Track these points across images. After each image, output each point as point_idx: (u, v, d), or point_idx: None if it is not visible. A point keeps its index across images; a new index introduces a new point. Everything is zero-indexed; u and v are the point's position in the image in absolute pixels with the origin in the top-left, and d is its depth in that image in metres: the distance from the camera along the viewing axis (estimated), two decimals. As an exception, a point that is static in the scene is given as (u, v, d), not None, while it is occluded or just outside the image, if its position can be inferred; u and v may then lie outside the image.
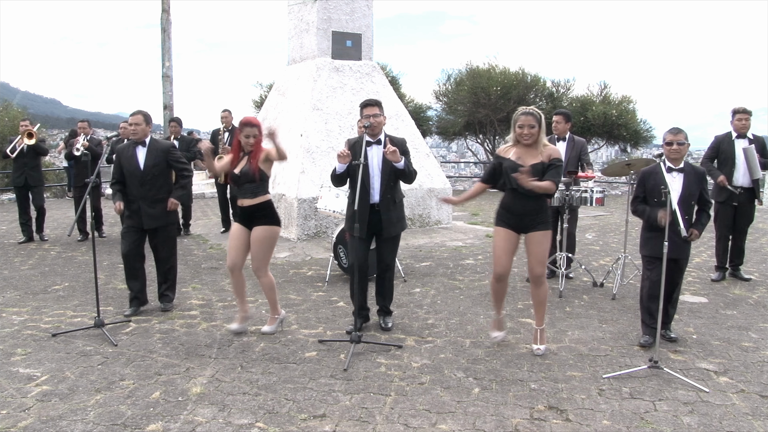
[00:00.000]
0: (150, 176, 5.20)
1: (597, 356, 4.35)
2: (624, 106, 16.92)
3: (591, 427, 3.33)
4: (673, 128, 4.45)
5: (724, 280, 6.52)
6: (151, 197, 5.21)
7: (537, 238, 4.29)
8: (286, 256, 7.60)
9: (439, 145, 24.45)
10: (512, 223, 4.34)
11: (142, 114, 5.27)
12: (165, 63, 15.68)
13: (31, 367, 4.15)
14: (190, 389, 3.79)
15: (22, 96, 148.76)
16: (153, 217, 5.24)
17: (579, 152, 6.36)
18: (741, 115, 6.30)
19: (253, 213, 4.68)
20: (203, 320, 5.17)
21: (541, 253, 4.32)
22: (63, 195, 15.28)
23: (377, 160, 4.63)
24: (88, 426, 3.33)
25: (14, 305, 5.62)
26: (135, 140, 5.26)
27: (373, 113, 4.58)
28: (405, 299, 5.76)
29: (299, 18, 10.15)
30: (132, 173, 5.20)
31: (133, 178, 5.20)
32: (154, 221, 5.25)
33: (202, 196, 14.45)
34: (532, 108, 4.31)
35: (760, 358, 4.34)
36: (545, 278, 4.40)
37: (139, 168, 5.20)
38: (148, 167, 5.21)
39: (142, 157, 5.22)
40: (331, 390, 3.78)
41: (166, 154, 5.29)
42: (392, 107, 9.90)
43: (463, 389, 3.80)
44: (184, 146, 9.13)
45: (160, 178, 5.26)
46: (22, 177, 8.62)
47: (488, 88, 16.80)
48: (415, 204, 9.44)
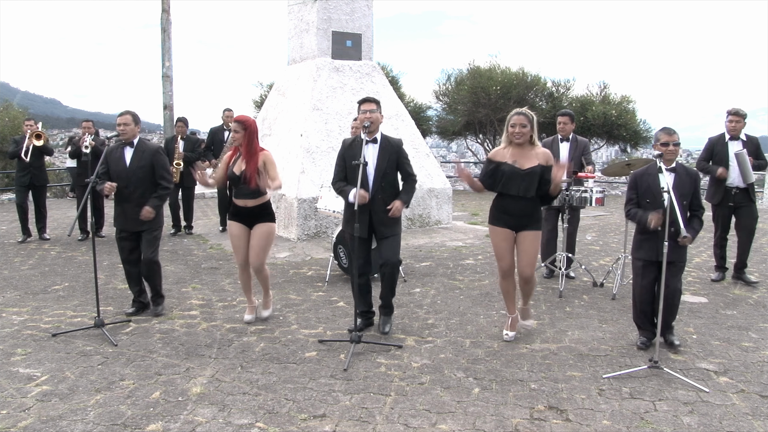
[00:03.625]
0: (135, 178, 5.06)
1: (597, 356, 4.35)
2: (624, 106, 16.92)
3: (591, 427, 3.33)
4: (667, 128, 4.39)
5: (724, 280, 6.52)
6: (136, 199, 5.05)
7: (529, 237, 4.42)
8: (286, 256, 7.60)
9: (439, 145, 24.46)
10: (508, 222, 4.44)
11: (131, 114, 5.14)
12: (165, 63, 15.67)
13: (31, 367, 4.15)
14: (190, 389, 3.79)
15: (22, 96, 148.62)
16: (138, 221, 5.07)
17: (582, 152, 6.38)
18: (732, 117, 6.27)
19: (255, 212, 4.81)
20: (203, 320, 5.17)
21: (532, 253, 4.44)
22: (63, 195, 15.28)
23: (373, 159, 4.63)
24: (88, 426, 3.33)
25: (14, 305, 5.62)
26: (123, 141, 5.13)
27: (369, 109, 4.60)
28: (405, 299, 5.76)
29: (299, 18, 10.15)
30: (118, 174, 5.08)
31: (119, 180, 5.07)
32: (139, 224, 5.09)
33: (202, 196, 14.45)
34: (525, 109, 4.43)
35: (760, 358, 4.34)
36: (534, 277, 4.58)
37: (125, 169, 5.08)
38: (133, 168, 5.07)
39: (129, 157, 5.10)
40: (331, 390, 3.78)
41: (152, 156, 5.12)
42: (392, 107, 9.90)
43: (463, 389, 3.80)
44: (189, 147, 9.16)
45: (145, 180, 5.09)
46: (28, 176, 8.63)
47: (488, 88, 16.80)
48: (415, 204, 9.44)
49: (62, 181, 15.67)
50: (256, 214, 4.82)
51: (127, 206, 5.10)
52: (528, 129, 4.31)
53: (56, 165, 17.27)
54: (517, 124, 4.31)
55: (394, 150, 4.66)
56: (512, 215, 4.40)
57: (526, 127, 4.30)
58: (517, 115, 4.35)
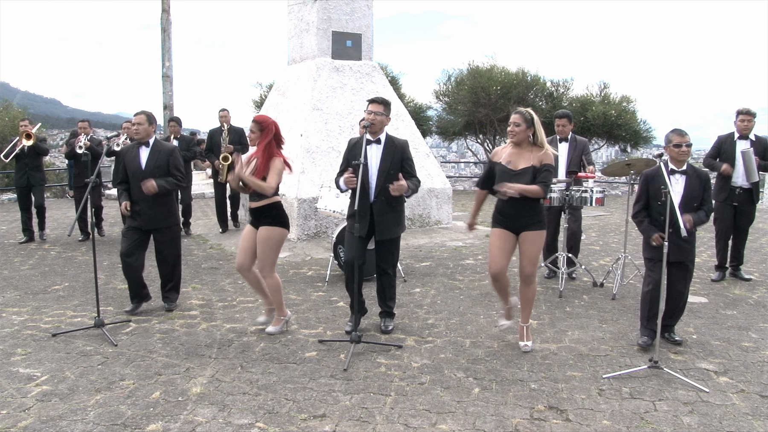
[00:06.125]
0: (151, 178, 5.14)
1: (597, 356, 4.35)
2: (623, 106, 16.90)
3: (591, 427, 3.33)
4: (679, 130, 4.40)
5: (724, 280, 6.52)
6: (152, 198, 5.16)
7: (530, 237, 4.39)
8: (286, 256, 7.60)
9: (439, 145, 24.43)
10: (507, 224, 4.42)
11: (146, 114, 5.24)
12: (165, 63, 15.68)
13: (31, 367, 4.15)
14: (190, 389, 3.79)
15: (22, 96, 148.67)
16: (153, 219, 5.22)
17: (581, 152, 6.37)
18: (743, 116, 6.31)
19: (260, 214, 4.74)
20: (203, 320, 5.17)
21: (534, 253, 4.40)
22: (63, 195, 15.28)
23: (376, 160, 4.62)
24: (88, 426, 3.33)
25: (14, 305, 5.62)
26: (138, 140, 5.25)
27: (375, 110, 4.59)
28: (405, 299, 5.76)
29: (299, 18, 10.15)
30: (134, 174, 5.19)
31: (134, 179, 5.18)
32: (154, 222, 5.24)
33: (202, 196, 14.44)
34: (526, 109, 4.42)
35: (760, 358, 4.34)
36: (535, 278, 4.48)
37: (140, 169, 5.18)
38: (150, 168, 5.18)
39: (145, 157, 5.21)
40: (331, 390, 3.78)
41: (168, 156, 5.25)
42: (392, 107, 9.89)
43: (463, 389, 3.80)
44: (183, 146, 9.12)
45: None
46: (24, 177, 8.63)
47: (488, 88, 16.80)
48: (415, 204, 9.44)
49: (62, 180, 15.67)
50: (262, 216, 4.74)
51: (143, 206, 5.18)
52: (522, 128, 4.29)
53: (56, 165, 17.26)
54: (512, 123, 4.34)
55: (398, 151, 4.64)
56: (507, 216, 4.39)
57: (519, 126, 4.29)
58: (515, 113, 4.37)
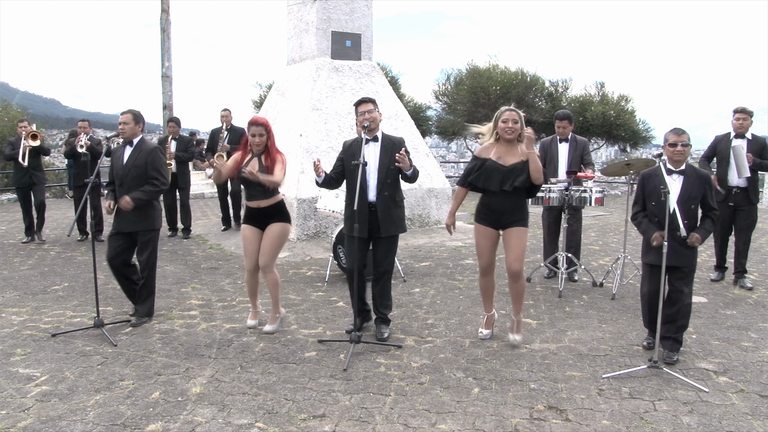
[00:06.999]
0: (128, 177, 4.97)
1: (597, 356, 4.35)
2: (622, 105, 16.91)
3: (591, 427, 3.34)
4: (677, 129, 4.33)
5: (724, 280, 6.52)
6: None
7: (515, 233, 4.42)
8: (286, 256, 7.60)
9: (438, 145, 24.43)
10: (492, 219, 4.47)
11: (132, 113, 5.08)
12: (164, 63, 15.68)
13: (31, 367, 4.15)
14: (190, 389, 3.79)
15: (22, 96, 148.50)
16: (129, 221, 4.98)
17: (581, 152, 6.38)
18: (739, 115, 6.27)
19: (268, 213, 4.75)
20: (203, 320, 5.16)
21: (520, 249, 4.42)
22: (62, 195, 15.27)
23: (374, 158, 4.61)
24: (87, 426, 3.33)
25: (14, 305, 5.62)
26: (125, 140, 5.09)
27: (367, 109, 4.59)
28: (405, 299, 5.76)
29: (299, 18, 10.15)
30: (116, 173, 5.04)
31: (116, 178, 5.04)
32: (130, 225, 5.00)
33: (201, 196, 14.44)
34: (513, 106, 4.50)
35: (760, 358, 4.34)
36: (523, 273, 4.48)
37: (121, 167, 5.02)
38: (128, 167, 4.99)
39: (126, 156, 5.05)
40: (331, 390, 3.78)
41: (147, 155, 5.01)
42: (392, 107, 9.89)
43: (463, 389, 3.80)
44: (182, 146, 9.11)
45: (139, 179, 4.97)
46: (27, 177, 8.60)
47: (488, 88, 16.80)
48: (414, 204, 9.44)
49: (62, 180, 15.67)
50: (270, 215, 4.74)
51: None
52: (518, 125, 4.37)
53: (56, 165, 17.25)
54: (510, 120, 4.35)
55: (396, 148, 4.64)
56: (495, 212, 4.42)
57: (518, 123, 4.36)
58: (510, 111, 4.39)
